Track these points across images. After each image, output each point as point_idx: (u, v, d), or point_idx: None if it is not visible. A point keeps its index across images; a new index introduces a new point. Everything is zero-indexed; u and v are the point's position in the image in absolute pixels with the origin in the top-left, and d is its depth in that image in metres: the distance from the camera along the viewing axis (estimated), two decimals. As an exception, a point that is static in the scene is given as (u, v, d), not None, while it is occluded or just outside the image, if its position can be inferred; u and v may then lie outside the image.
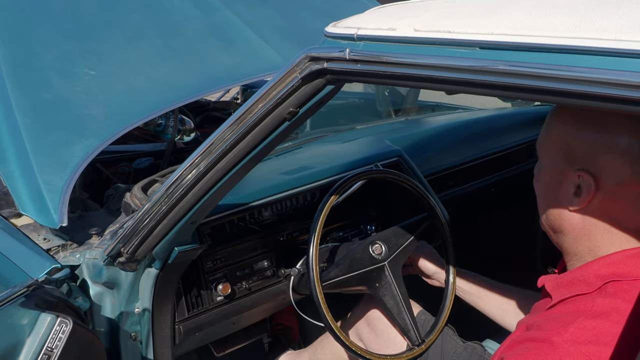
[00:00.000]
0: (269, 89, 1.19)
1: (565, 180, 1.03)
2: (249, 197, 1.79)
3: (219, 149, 1.26)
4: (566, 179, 1.02)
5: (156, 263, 1.50)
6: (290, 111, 1.18)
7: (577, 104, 0.78)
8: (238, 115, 1.24)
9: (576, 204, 1.01)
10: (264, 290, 1.82)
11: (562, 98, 0.80)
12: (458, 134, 2.47)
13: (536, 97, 0.86)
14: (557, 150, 1.04)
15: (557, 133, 1.04)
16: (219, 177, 1.29)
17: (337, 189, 1.59)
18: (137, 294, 1.56)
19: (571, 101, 0.79)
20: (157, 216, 1.37)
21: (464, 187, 2.36)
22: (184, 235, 1.44)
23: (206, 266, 1.71)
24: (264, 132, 1.22)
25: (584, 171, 0.99)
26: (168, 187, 1.35)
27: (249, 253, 1.81)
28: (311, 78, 1.12)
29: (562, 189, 1.03)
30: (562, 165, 1.03)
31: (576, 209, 1.02)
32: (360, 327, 1.83)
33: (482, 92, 0.92)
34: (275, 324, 2.36)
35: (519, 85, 0.84)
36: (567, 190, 1.02)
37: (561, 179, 1.04)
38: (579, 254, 1.05)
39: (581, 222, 1.02)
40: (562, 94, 0.79)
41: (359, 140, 2.30)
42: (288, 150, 2.20)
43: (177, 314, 1.65)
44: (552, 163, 1.06)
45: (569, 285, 1.03)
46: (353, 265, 1.61)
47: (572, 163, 1.01)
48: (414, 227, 1.75)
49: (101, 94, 2.02)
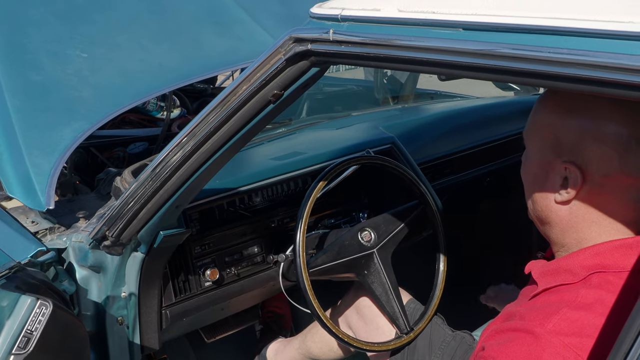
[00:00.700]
0: (253, 71, 1.18)
1: (552, 171, 1.00)
2: (239, 181, 1.77)
3: (203, 132, 1.24)
4: (553, 169, 1.00)
5: (142, 247, 1.48)
6: (275, 94, 1.16)
7: (564, 88, 0.76)
8: (222, 98, 1.22)
9: (563, 195, 0.99)
10: (254, 277, 1.81)
11: (548, 81, 0.78)
12: (454, 121, 2.44)
13: (521, 80, 0.83)
14: (543, 140, 1.01)
15: (543, 122, 1.02)
16: (203, 160, 1.27)
17: (325, 175, 1.57)
18: (124, 278, 1.55)
19: (557, 84, 0.77)
20: (141, 199, 1.36)
21: (459, 176, 2.34)
22: (169, 219, 1.43)
23: (194, 251, 1.69)
24: (248, 115, 1.20)
25: (570, 163, 0.96)
26: (152, 170, 1.34)
27: (239, 238, 1.79)
28: (295, 60, 1.10)
29: (549, 180, 1.01)
30: (549, 156, 1.01)
31: (563, 201, 0.99)
32: (349, 314, 1.82)
33: (467, 74, 0.90)
34: (267, 311, 2.35)
35: (504, 68, 0.82)
36: (554, 181, 1.00)
37: (548, 170, 1.01)
38: (566, 245, 1.03)
39: (568, 214, 1.00)
40: (547, 76, 0.77)
41: (353, 126, 2.28)
42: (281, 136, 2.18)
43: (164, 299, 1.64)
44: (539, 153, 1.03)
45: (554, 274, 1.01)
46: (341, 252, 1.59)
47: (559, 154, 0.99)
48: (404, 215, 1.73)
49: (92, 76, 2.00)
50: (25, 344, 1.17)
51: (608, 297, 0.92)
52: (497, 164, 2.50)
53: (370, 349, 1.59)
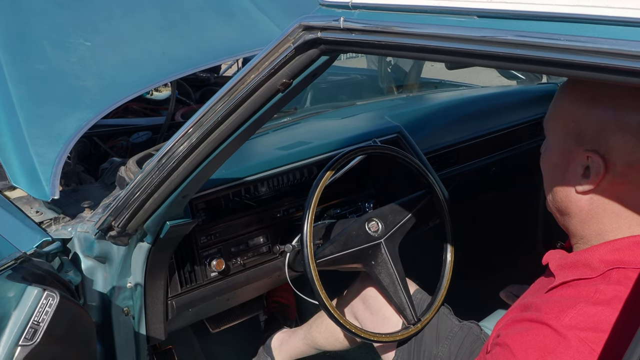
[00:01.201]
0: (262, 59, 1.16)
1: (573, 161, 0.99)
2: (244, 171, 1.76)
3: (211, 121, 1.23)
4: (574, 159, 0.99)
5: (148, 237, 1.47)
6: (284, 82, 1.14)
7: (587, 77, 0.74)
8: (230, 87, 1.20)
9: (584, 185, 0.98)
10: (259, 267, 1.80)
11: (566, 70, 0.76)
12: (460, 111, 2.43)
13: (538, 69, 0.82)
14: (565, 129, 1.00)
15: (566, 111, 1.00)
16: (211, 150, 1.26)
17: (332, 165, 1.56)
18: (129, 269, 1.54)
19: (575, 73, 0.76)
20: (148, 189, 1.34)
21: (464, 166, 2.33)
22: (176, 209, 1.42)
23: (200, 241, 1.68)
24: (256, 104, 1.19)
25: (593, 152, 0.95)
26: (159, 160, 1.32)
27: (244, 229, 1.78)
28: (305, 48, 1.09)
29: (570, 170, 1.00)
30: (570, 145, 0.99)
31: (584, 191, 0.98)
32: (355, 305, 1.81)
33: (481, 63, 0.88)
34: (272, 301, 2.34)
35: (520, 56, 0.80)
36: (575, 171, 0.99)
37: (569, 159, 1.00)
38: (586, 237, 1.02)
39: (589, 204, 0.99)
40: (565, 65, 0.75)
41: (358, 116, 2.26)
42: (286, 125, 2.16)
43: (170, 289, 1.63)
44: (560, 142, 1.02)
45: (572, 268, 1.00)
46: (349, 243, 1.58)
47: (581, 143, 0.97)
48: (411, 204, 1.72)
49: (96, 65, 1.98)
50: (32, 335, 1.16)
51: (627, 293, 0.91)
52: (503, 154, 2.48)
53: (377, 339, 1.58)
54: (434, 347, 1.65)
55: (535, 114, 2.54)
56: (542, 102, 2.58)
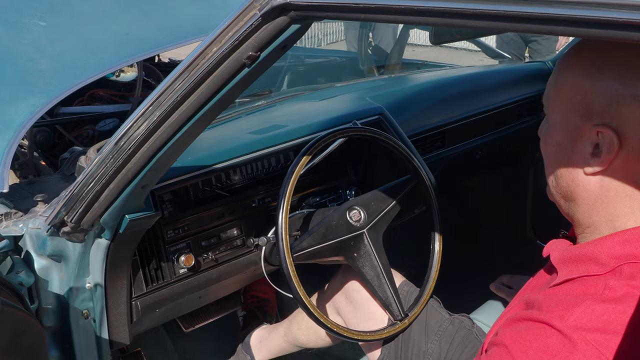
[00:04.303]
0: (224, 30, 1.02)
1: (580, 139, 0.86)
2: (214, 158, 1.62)
3: (170, 101, 1.09)
4: (582, 136, 0.86)
5: (106, 233, 1.33)
6: (250, 55, 1.01)
7: (593, 36, 0.62)
8: (189, 62, 1.06)
9: (594, 165, 0.85)
10: (233, 262, 1.66)
11: (575, 28, 0.64)
12: (444, 91, 2.30)
13: (543, 29, 0.69)
14: (570, 103, 0.87)
15: (570, 83, 0.87)
16: (170, 134, 1.12)
17: (309, 149, 1.42)
18: (88, 268, 1.40)
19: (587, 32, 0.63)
20: (102, 179, 1.20)
21: (450, 149, 2.21)
22: (135, 201, 1.28)
23: (167, 235, 1.54)
24: (220, 81, 1.05)
25: (604, 126, 0.83)
26: (113, 147, 1.18)
27: (216, 221, 1.64)
28: (273, 15, 0.95)
29: (577, 149, 0.87)
30: (576, 121, 0.87)
31: (594, 172, 0.86)
32: (338, 299, 1.69)
33: (477, 24, 0.75)
34: (250, 296, 2.21)
35: (521, 14, 0.67)
36: (583, 150, 0.86)
37: (576, 137, 0.87)
38: (593, 225, 0.90)
39: (599, 187, 0.86)
40: (576, 22, 0.63)
41: (338, 97, 2.12)
42: (260, 108, 2.02)
43: (134, 289, 1.49)
44: (564, 119, 0.89)
45: (578, 263, 0.88)
46: (328, 234, 1.45)
47: (589, 117, 0.85)
48: (396, 191, 1.59)
49: (52, 47, 1.83)
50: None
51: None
52: (489, 136, 2.37)
53: (361, 338, 1.46)
54: (422, 343, 1.54)
55: (524, 94, 2.43)
56: (530, 81, 2.47)
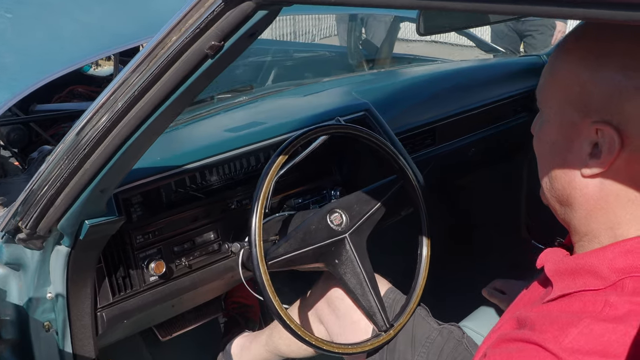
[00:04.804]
0: (184, 17, 0.93)
1: (577, 137, 0.76)
2: (189, 156, 1.52)
3: (126, 97, 0.99)
4: (579, 134, 0.76)
5: (65, 239, 1.23)
6: (212, 45, 0.91)
7: (596, 17, 0.53)
8: (147, 52, 0.96)
9: (593, 166, 0.75)
10: (209, 268, 1.56)
11: (580, 9, 0.55)
12: (435, 86, 2.20)
13: (535, 11, 0.60)
14: (566, 98, 0.77)
15: (566, 75, 0.77)
16: (129, 132, 1.02)
17: (286, 148, 1.32)
18: (48, 276, 1.30)
19: (589, 13, 0.54)
20: (56, 182, 1.10)
21: (441, 147, 2.11)
22: (95, 205, 1.17)
23: (135, 241, 1.44)
24: (181, 73, 0.95)
25: (604, 123, 0.73)
26: (68, 146, 1.08)
27: (190, 224, 1.54)
28: (237, 1, 0.86)
29: (574, 148, 0.77)
30: (573, 117, 0.77)
31: (592, 174, 0.76)
32: (320, 307, 1.59)
33: (467, 6, 0.66)
34: (232, 302, 2.11)
35: None
36: (580, 150, 0.76)
37: (572, 135, 0.77)
38: (592, 232, 0.80)
39: (598, 190, 0.76)
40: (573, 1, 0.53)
41: (323, 93, 2.02)
42: (241, 105, 1.92)
43: (100, 299, 1.39)
44: (560, 114, 0.79)
45: (574, 276, 0.78)
46: (307, 239, 1.35)
47: (587, 113, 0.75)
48: (380, 192, 1.49)
49: (18, 40, 1.73)
50: None
51: None
52: (483, 133, 2.27)
53: (343, 351, 1.36)
54: (409, 355, 1.44)
55: (518, 89, 2.33)
56: (525, 75, 2.37)
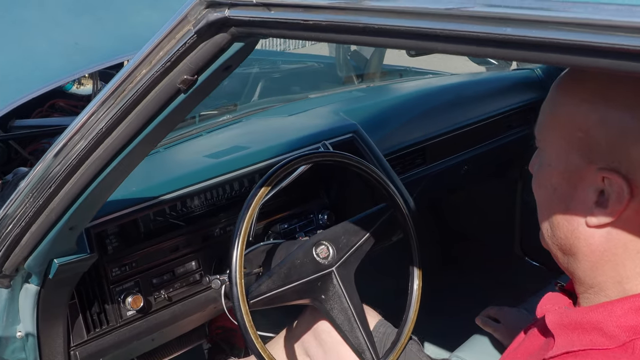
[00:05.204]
0: (154, 49, 0.86)
1: (581, 183, 0.70)
2: (169, 185, 1.44)
3: (94, 132, 0.92)
4: (583, 180, 0.70)
5: (33, 278, 1.16)
6: (184, 79, 0.84)
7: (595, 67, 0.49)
8: (114, 86, 0.89)
9: (599, 216, 0.68)
10: (190, 299, 1.49)
11: (569, 56, 0.50)
12: (426, 103, 2.14)
13: (531, 57, 0.55)
14: (569, 140, 0.71)
15: (568, 115, 0.71)
16: (97, 170, 0.95)
17: (268, 179, 1.25)
18: (17, 315, 1.22)
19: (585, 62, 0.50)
20: (21, 221, 1.03)
21: (432, 166, 2.05)
22: (65, 243, 1.10)
23: (111, 274, 1.36)
24: (151, 109, 0.89)
25: (611, 171, 0.66)
26: (34, 183, 1.01)
27: (170, 254, 1.47)
28: (210, 32, 0.80)
29: (578, 196, 0.71)
30: (577, 162, 0.70)
31: (599, 224, 0.69)
32: (306, 340, 1.52)
33: (452, 49, 0.61)
34: (216, 327, 2.03)
35: (501, 37, 0.53)
36: (585, 198, 0.70)
37: (576, 181, 0.71)
38: (598, 285, 0.73)
39: (605, 241, 0.70)
40: (568, 49, 0.49)
41: (309, 112, 1.95)
42: (224, 124, 1.85)
43: (73, 337, 1.31)
44: (562, 158, 0.72)
45: (581, 331, 0.71)
46: (292, 274, 1.28)
47: (592, 159, 0.68)
48: (369, 222, 1.42)
49: (-13, 60, 1.66)
50: None
51: None
52: (475, 150, 2.21)
53: (330, 391, 1.30)
54: (400, 391, 1.38)
55: (511, 104, 2.27)
56: (518, 90, 2.32)
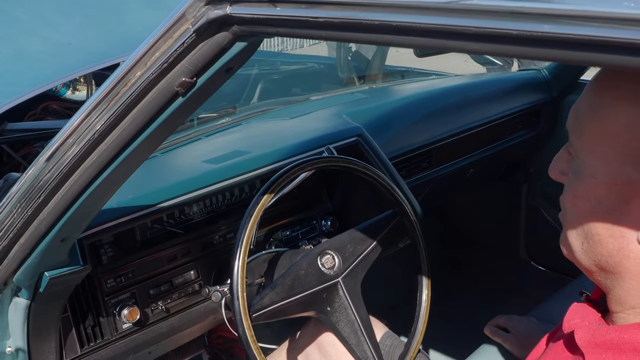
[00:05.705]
0: (149, 49, 0.81)
1: (635, 198, 0.64)
2: (167, 192, 1.38)
3: (85, 139, 0.86)
4: (637, 195, 0.64)
5: (23, 292, 1.09)
6: (182, 82, 0.78)
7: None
8: (107, 89, 0.84)
9: None
10: (189, 311, 1.43)
11: (609, 56, 0.45)
12: (431, 105, 2.08)
13: (562, 56, 0.49)
14: (622, 152, 0.65)
15: (619, 122, 0.65)
16: (89, 179, 0.89)
17: (270, 186, 1.19)
18: (7, 329, 1.16)
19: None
20: (9, 233, 0.97)
21: (438, 169, 1.99)
22: (56, 255, 1.04)
23: (106, 285, 1.30)
24: (147, 114, 0.83)
25: None
26: (24, 191, 0.95)
27: (168, 264, 1.40)
28: (210, 31, 0.74)
29: (630, 211, 0.65)
30: (631, 175, 0.64)
31: None
32: (310, 353, 1.45)
33: (466, 47, 0.56)
34: (216, 336, 1.98)
35: (522, 35, 0.48)
36: (637, 213, 0.64)
37: (628, 196, 0.65)
38: (639, 306, 0.68)
39: None
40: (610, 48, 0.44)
41: (312, 115, 1.89)
42: (223, 128, 1.79)
43: (66, 351, 1.25)
44: (611, 169, 0.66)
45: (616, 352, 0.65)
46: (296, 286, 1.22)
47: None
48: (376, 229, 1.36)
49: (-22, 61, 1.61)
50: None
51: None
52: (481, 153, 2.15)
53: (335, 408, 1.24)
54: (408, 407, 1.31)
55: (517, 106, 2.22)
56: (525, 91, 2.26)
